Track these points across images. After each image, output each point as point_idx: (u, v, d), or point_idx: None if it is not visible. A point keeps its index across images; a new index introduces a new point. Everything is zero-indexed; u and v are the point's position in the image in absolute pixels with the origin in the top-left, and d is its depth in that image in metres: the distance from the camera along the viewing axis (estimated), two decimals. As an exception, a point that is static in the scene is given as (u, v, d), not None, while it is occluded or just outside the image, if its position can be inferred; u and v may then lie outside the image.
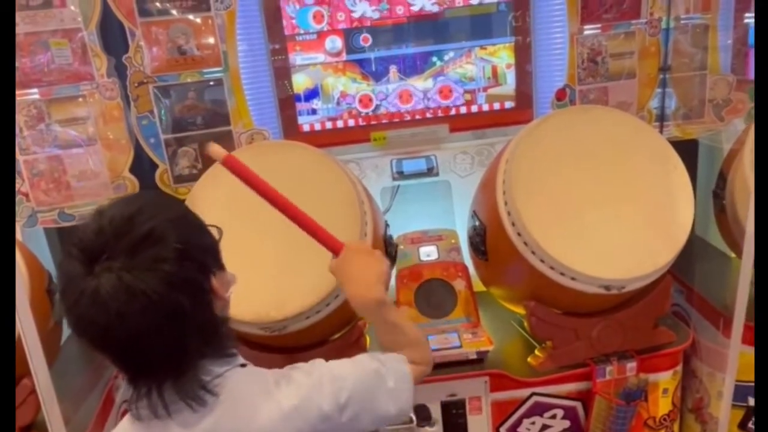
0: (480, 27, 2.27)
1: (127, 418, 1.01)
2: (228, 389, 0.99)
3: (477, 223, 2.01)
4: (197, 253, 0.95)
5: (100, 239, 0.89)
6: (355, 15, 2.20)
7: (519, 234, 1.79)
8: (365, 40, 2.23)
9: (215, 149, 1.21)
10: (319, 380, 1.06)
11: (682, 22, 2.22)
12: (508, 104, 2.34)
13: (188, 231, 0.96)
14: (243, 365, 1.04)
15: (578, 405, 1.99)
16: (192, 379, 0.96)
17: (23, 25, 1.89)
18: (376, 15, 2.21)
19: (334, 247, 1.32)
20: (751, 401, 2.08)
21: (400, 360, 1.19)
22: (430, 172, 2.35)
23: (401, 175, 2.33)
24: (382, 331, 1.27)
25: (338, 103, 2.29)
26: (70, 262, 0.90)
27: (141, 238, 0.89)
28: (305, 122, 2.29)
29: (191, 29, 2.04)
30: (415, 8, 2.21)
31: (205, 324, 0.97)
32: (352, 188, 1.82)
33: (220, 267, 1.03)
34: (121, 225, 0.90)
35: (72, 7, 1.92)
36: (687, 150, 2.08)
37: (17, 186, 2.00)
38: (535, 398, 1.97)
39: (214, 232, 1.04)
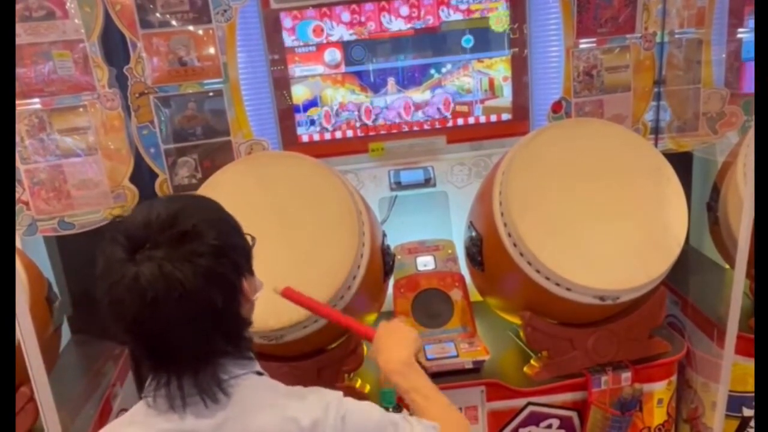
0: (477, 40, 2.29)
1: (141, 404, 1.03)
2: (240, 392, 1.01)
3: (474, 234, 2.03)
4: (232, 252, 1.00)
5: (145, 230, 0.94)
6: (353, 29, 2.23)
7: (515, 245, 1.81)
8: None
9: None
10: (327, 406, 1.05)
11: (677, 36, 2.25)
12: (505, 116, 2.36)
13: (226, 231, 1.01)
14: (260, 373, 1.07)
15: (574, 415, 2.00)
16: (211, 375, 0.99)
17: (26, 36, 1.91)
18: (374, 28, 2.23)
19: (368, 335, 1.41)
20: (746, 412, 2.10)
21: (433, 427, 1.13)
22: (428, 182, 2.36)
23: (399, 185, 2.35)
24: (412, 398, 1.23)
25: (337, 114, 2.31)
26: (113, 247, 0.94)
27: (183, 233, 0.94)
28: (304, 133, 2.31)
29: (192, 41, 2.06)
30: (392, 29, 2.24)
31: (232, 323, 1.01)
32: (350, 198, 1.83)
33: (251, 271, 1.07)
34: (166, 219, 0.95)
35: (74, 19, 1.94)
36: (681, 162, 2.11)
37: (18, 195, 2.01)
38: (531, 408, 1.98)
39: (248, 239, 1.08)
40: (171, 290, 0.91)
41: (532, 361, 2.00)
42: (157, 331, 0.94)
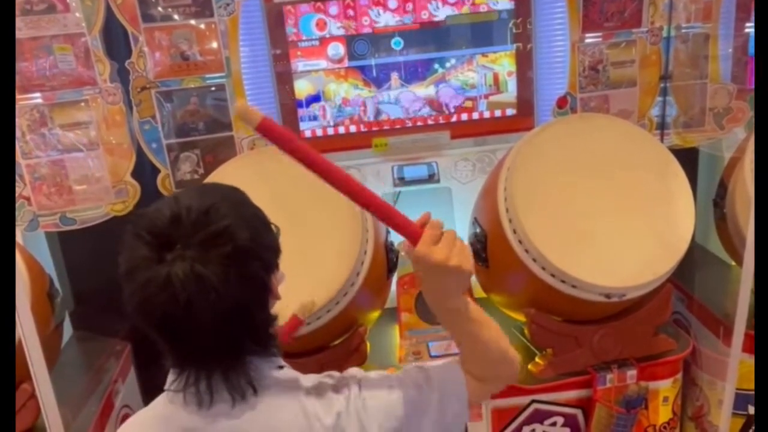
0: (481, 34, 2.27)
1: (162, 399, 1.02)
2: (265, 390, 1.00)
3: (478, 230, 2.01)
4: (264, 252, 0.97)
5: (176, 228, 0.90)
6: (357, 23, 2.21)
7: (520, 241, 1.79)
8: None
9: (245, 110, 1.03)
10: (348, 397, 1.03)
11: (683, 31, 2.23)
12: (510, 111, 2.35)
13: (258, 230, 0.98)
14: (281, 367, 1.05)
15: (578, 412, 1.99)
16: (240, 373, 0.97)
17: (26, 29, 1.90)
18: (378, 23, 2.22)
19: (413, 235, 1.07)
20: (752, 410, 2.08)
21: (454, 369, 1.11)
22: (431, 178, 2.35)
23: (402, 181, 2.34)
24: (457, 341, 1.15)
25: (340, 110, 2.30)
26: (138, 245, 0.90)
27: (216, 234, 0.90)
28: (307, 128, 2.30)
29: (194, 35, 2.04)
30: (379, 25, 2.22)
31: (261, 322, 1.00)
32: (354, 194, 1.82)
33: (278, 266, 1.04)
34: (198, 217, 0.90)
35: (75, 13, 1.92)
36: (687, 158, 2.09)
37: (19, 190, 2.00)
38: (535, 405, 1.96)
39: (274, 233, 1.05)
40: (204, 293, 0.88)
41: (536, 359, 1.99)
42: (187, 331, 0.92)
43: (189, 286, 0.87)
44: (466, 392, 1.10)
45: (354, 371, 1.10)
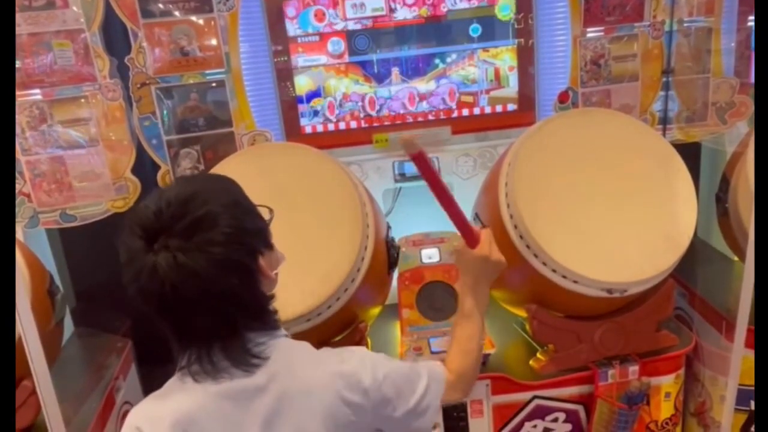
0: (483, 29, 2.26)
1: (176, 379, 1.07)
2: (277, 352, 1.07)
3: (479, 226, 2.00)
4: (246, 237, 1.03)
5: (158, 220, 0.97)
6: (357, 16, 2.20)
7: (521, 237, 1.78)
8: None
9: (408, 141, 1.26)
10: (362, 357, 1.15)
11: (686, 25, 2.21)
12: (511, 106, 2.34)
13: (239, 216, 1.02)
14: (285, 335, 1.13)
15: (580, 408, 1.99)
16: (239, 346, 1.04)
17: (26, 25, 1.90)
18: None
19: (471, 240, 1.38)
20: (754, 405, 2.07)
21: (436, 364, 1.26)
22: (433, 174, 2.34)
23: (403, 177, 2.33)
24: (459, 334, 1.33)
25: (340, 105, 2.29)
26: (132, 238, 0.97)
27: (195, 222, 0.97)
28: (307, 124, 2.29)
29: (194, 30, 2.04)
30: (397, 17, 2.21)
31: (252, 301, 1.05)
32: (354, 190, 1.81)
33: (269, 247, 1.10)
34: (178, 208, 0.97)
35: (74, 8, 1.92)
36: (690, 153, 2.08)
37: (19, 187, 2.00)
38: (536, 401, 1.96)
39: (264, 212, 1.11)
40: (186, 280, 0.95)
41: (538, 355, 1.98)
42: (181, 314, 0.99)
43: (172, 274, 0.95)
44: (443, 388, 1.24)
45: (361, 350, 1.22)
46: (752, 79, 2.21)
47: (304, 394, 1.06)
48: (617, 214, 1.80)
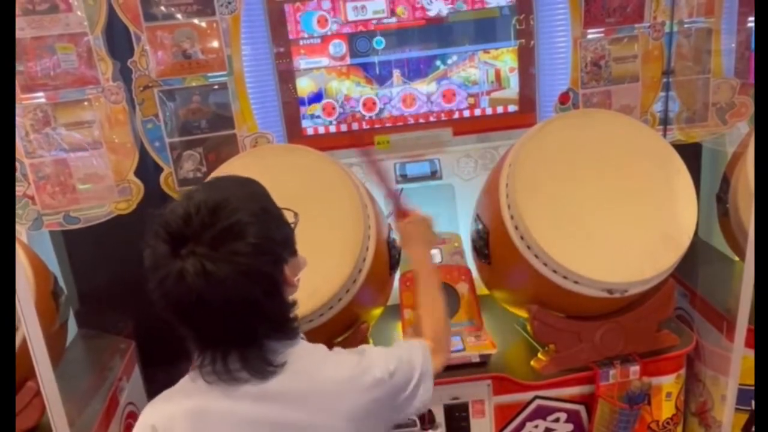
0: (483, 31, 2.27)
1: (188, 379, 1.07)
2: (293, 357, 1.07)
3: (480, 227, 2.01)
4: (274, 246, 1.02)
5: (186, 226, 0.96)
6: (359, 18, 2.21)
7: (522, 237, 1.79)
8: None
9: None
10: (373, 353, 1.18)
11: (686, 25, 2.22)
12: (512, 108, 2.35)
13: (267, 225, 1.02)
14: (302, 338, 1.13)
15: (581, 408, 1.99)
16: (256, 354, 1.03)
17: (29, 29, 1.91)
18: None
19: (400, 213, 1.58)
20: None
21: (417, 343, 1.30)
22: (434, 175, 2.35)
23: (405, 178, 2.34)
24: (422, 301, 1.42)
25: (342, 107, 2.30)
26: (157, 242, 0.97)
27: (223, 231, 0.96)
28: (309, 126, 2.30)
29: (196, 33, 2.05)
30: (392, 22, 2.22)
31: (274, 311, 1.05)
32: (356, 191, 1.82)
33: (294, 254, 1.10)
34: (207, 215, 0.96)
35: (78, 12, 1.93)
36: (690, 153, 2.08)
37: (23, 189, 2.01)
38: (538, 401, 1.97)
39: (289, 215, 1.11)
40: (212, 288, 0.94)
41: (539, 355, 1.99)
42: (203, 320, 0.98)
43: (199, 281, 0.94)
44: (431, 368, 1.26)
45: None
46: (752, 80, 2.22)
47: (322, 395, 1.06)
48: (618, 214, 1.80)
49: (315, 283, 1.69)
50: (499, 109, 2.35)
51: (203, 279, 0.93)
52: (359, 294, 1.78)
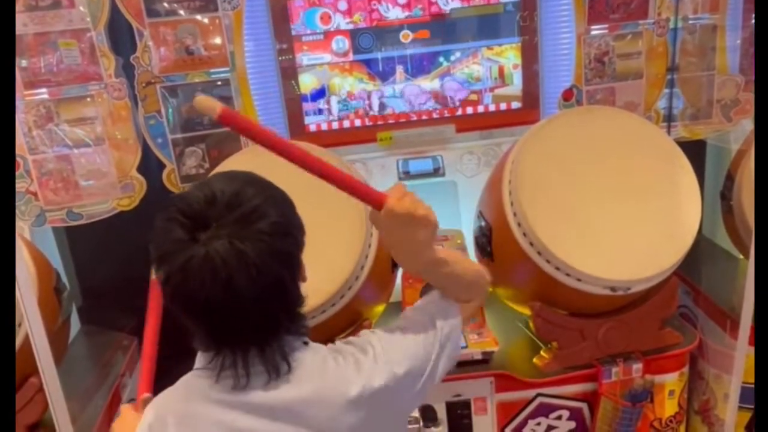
0: (487, 27, 2.26)
1: (190, 378, 1.04)
2: (300, 365, 1.03)
3: (483, 224, 2.01)
4: (294, 229, 1.02)
5: (211, 209, 0.93)
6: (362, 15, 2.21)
7: (525, 234, 1.79)
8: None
9: (205, 103, 1.02)
10: (375, 360, 1.07)
11: (690, 22, 2.21)
12: (515, 104, 2.34)
13: (286, 209, 1.02)
14: (305, 343, 1.09)
15: (584, 406, 1.99)
16: (275, 349, 1.00)
17: (32, 25, 1.91)
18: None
19: (378, 200, 1.12)
20: (759, 403, 2.07)
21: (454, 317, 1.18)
22: (437, 172, 2.34)
23: (407, 175, 2.33)
24: (437, 284, 1.22)
25: (345, 103, 2.29)
26: (172, 226, 0.92)
27: (249, 212, 0.94)
28: (312, 122, 2.30)
29: (199, 29, 2.05)
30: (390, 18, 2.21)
31: (295, 299, 1.03)
32: (358, 188, 1.82)
33: (304, 243, 1.07)
34: (232, 198, 0.94)
35: (80, 8, 1.93)
36: (694, 151, 2.08)
37: (26, 185, 2.01)
38: (540, 399, 1.97)
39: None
40: (244, 268, 0.91)
41: (541, 352, 1.99)
42: (228, 309, 0.93)
43: (230, 261, 0.90)
44: (460, 323, 1.19)
45: (367, 332, 1.15)
46: (756, 77, 2.21)
47: (320, 408, 1.02)
48: (621, 211, 1.80)
49: (317, 280, 1.68)
50: (503, 106, 2.34)
51: (235, 259, 0.90)
52: (361, 291, 1.78)
